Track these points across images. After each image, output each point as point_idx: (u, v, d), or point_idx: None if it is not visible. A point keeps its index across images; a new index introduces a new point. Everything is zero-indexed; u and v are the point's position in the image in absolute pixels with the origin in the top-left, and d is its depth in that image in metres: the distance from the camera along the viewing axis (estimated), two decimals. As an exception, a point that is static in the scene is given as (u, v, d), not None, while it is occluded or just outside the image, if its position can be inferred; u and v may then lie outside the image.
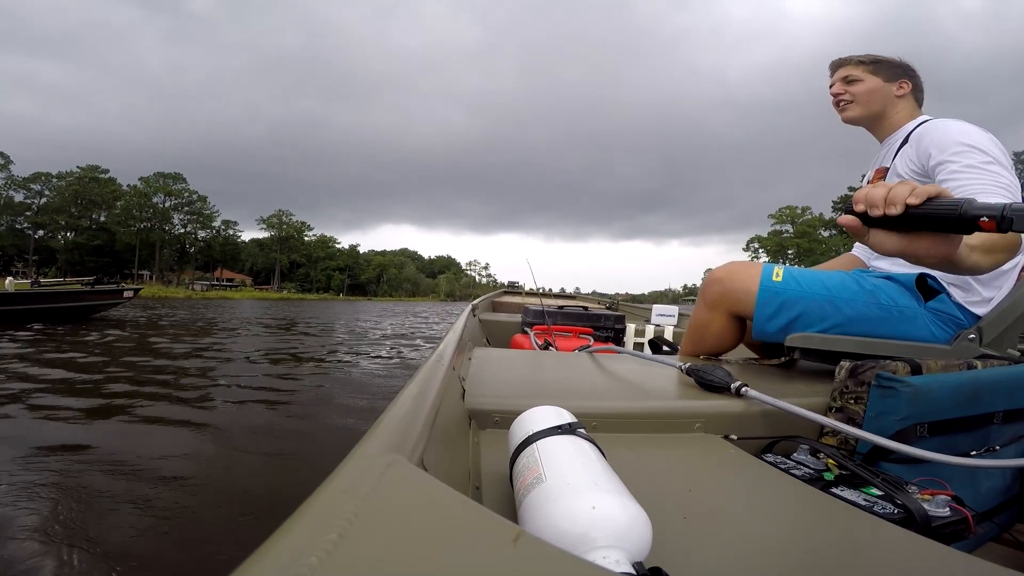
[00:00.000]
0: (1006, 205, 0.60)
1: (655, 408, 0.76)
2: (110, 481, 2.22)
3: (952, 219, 0.64)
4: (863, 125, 1.40)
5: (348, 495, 0.24)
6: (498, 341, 2.50)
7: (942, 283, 1.10)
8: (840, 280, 1.14)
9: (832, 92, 1.40)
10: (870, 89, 1.34)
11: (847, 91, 1.37)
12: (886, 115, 1.35)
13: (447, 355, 0.70)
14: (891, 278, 1.14)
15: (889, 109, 1.34)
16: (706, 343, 1.33)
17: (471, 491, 0.49)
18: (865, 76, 1.35)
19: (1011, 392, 0.84)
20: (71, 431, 2.98)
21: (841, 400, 0.80)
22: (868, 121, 1.38)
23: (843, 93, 1.38)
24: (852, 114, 1.37)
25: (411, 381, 0.51)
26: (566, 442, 0.42)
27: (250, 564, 0.18)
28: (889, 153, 1.33)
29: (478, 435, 0.67)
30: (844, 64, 1.40)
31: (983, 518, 0.76)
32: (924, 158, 1.15)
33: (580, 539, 0.30)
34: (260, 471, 2.48)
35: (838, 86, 1.39)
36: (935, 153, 1.12)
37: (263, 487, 2.25)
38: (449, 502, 0.25)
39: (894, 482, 0.58)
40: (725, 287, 1.23)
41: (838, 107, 1.41)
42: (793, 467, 0.64)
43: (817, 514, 0.50)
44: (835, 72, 1.42)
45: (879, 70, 1.35)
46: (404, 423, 0.37)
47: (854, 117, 1.38)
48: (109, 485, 2.17)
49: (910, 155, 1.21)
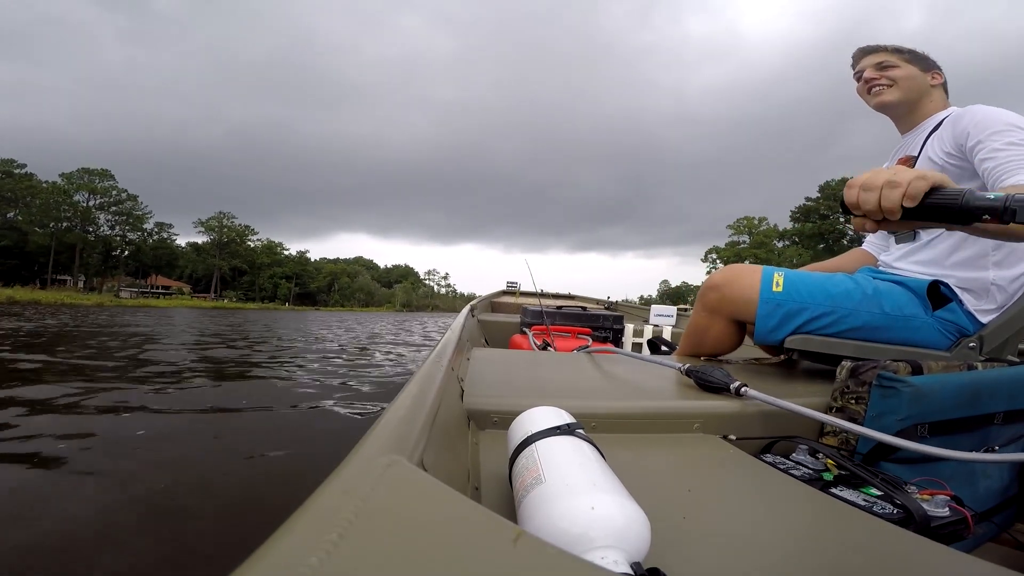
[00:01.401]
0: (1008, 196, 0.59)
1: (654, 408, 0.76)
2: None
3: (954, 210, 0.64)
4: (896, 112, 1.34)
5: (348, 495, 0.24)
6: (496, 341, 2.50)
7: (955, 291, 1.08)
8: (844, 288, 1.12)
9: (866, 77, 1.33)
10: (910, 75, 1.29)
11: (883, 75, 1.31)
12: (920, 103, 1.30)
13: (446, 355, 0.70)
14: (902, 283, 1.12)
15: (924, 98, 1.30)
16: (705, 347, 1.32)
17: (470, 491, 0.49)
18: (901, 63, 1.30)
19: (1012, 393, 0.84)
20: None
21: (842, 400, 0.80)
22: (903, 107, 1.32)
23: (879, 78, 1.31)
24: (890, 98, 1.30)
25: (410, 381, 0.51)
26: (565, 442, 0.42)
27: (250, 564, 0.18)
28: (917, 141, 1.29)
29: (477, 435, 0.67)
30: (876, 51, 1.34)
31: (982, 518, 0.77)
32: (961, 138, 1.11)
33: (579, 539, 0.30)
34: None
35: (871, 71, 1.33)
36: (974, 132, 1.07)
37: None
38: (448, 502, 0.25)
39: (893, 482, 0.58)
40: (724, 294, 1.21)
41: (869, 92, 1.34)
42: (792, 467, 0.64)
43: (816, 514, 0.50)
44: (862, 59, 1.36)
45: (914, 59, 1.31)
46: (403, 423, 0.37)
47: (891, 101, 1.31)
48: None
49: (944, 138, 1.17)
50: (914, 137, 1.32)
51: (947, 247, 1.16)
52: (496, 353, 1.27)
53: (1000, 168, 0.96)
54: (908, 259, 1.24)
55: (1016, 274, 1.10)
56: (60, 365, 5.26)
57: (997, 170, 0.97)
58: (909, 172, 0.67)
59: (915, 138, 1.31)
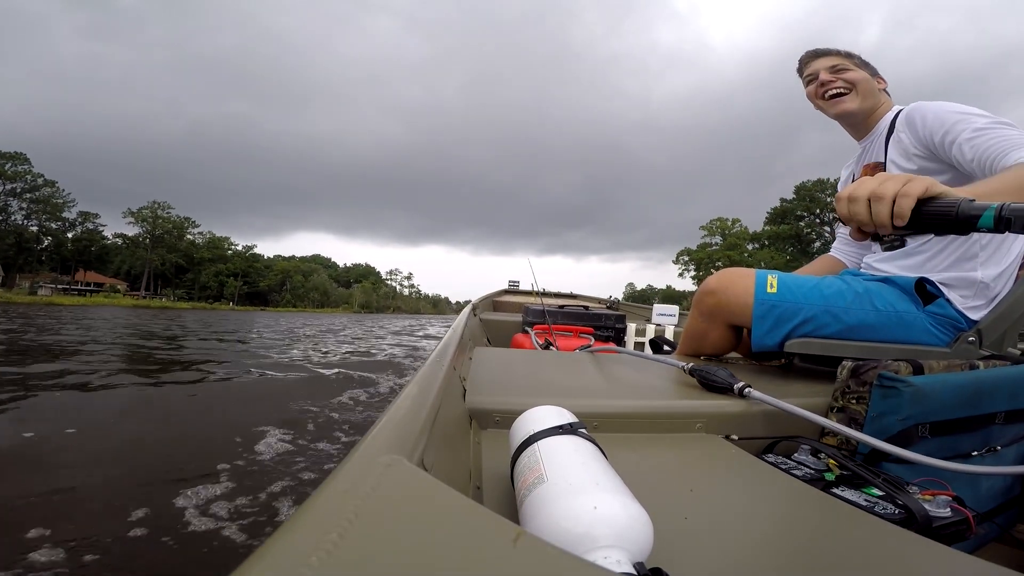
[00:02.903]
0: (1001, 205, 0.59)
1: (656, 408, 0.76)
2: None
3: (949, 221, 0.63)
4: (854, 120, 1.32)
5: (348, 495, 0.24)
6: (499, 341, 2.50)
7: (940, 288, 1.09)
8: (837, 288, 1.12)
9: (822, 80, 1.29)
10: (864, 79, 1.28)
11: (839, 78, 1.28)
12: (874, 109, 1.29)
13: (448, 355, 0.70)
14: (889, 280, 1.12)
15: (877, 103, 1.29)
16: (703, 350, 1.32)
17: (472, 491, 0.49)
18: (853, 68, 1.29)
19: (1013, 392, 0.84)
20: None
21: (843, 400, 0.80)
22: (861, 115, 1.30)
23: (835, 80, 1.28)
24: (852, 106, 1.28)
25: (411, 381, 0.51)
26: (567, 442, 0.42)
27: (250, 564, 0.18)
28: (877, 146, 1.28)
29: (479, 435, 0.67)
30: (827, 54, 1.31)
31: (984, 518, 0.76)
32: (929, 136, 1.11)
33: (581, 539, 0.30)
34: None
35: (826, 74, 1.29)
36: (938, 128, 1.09)
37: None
38: (449, 502, 0.25)
39: (895, 482, 0.58)
40: (719, 299, 1.20)
41: (825, 98, 1.30)
42: (794, 467, 0.64)
43: (818, 514, 0.50)
44: (812, 62, 1.33)
45: (863, 65, 1.30)
46: (404, 423, 0.37)
47: (854, 110, 1.29)
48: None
49: (905, 142, 1.18)
50: (872, 141, 1.31)
51: (932, 246, 1.17)
52: (498, 352, 1.27)
53: (991, 151, 0.98)
54: (892, 262, 1.23)
55: (1000, 270, 1.11)
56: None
57: (988, 152, 0.98)
58: (893, 183, 0.67)
59: (874, 142, 1.30)
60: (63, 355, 6.35)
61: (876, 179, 0.69)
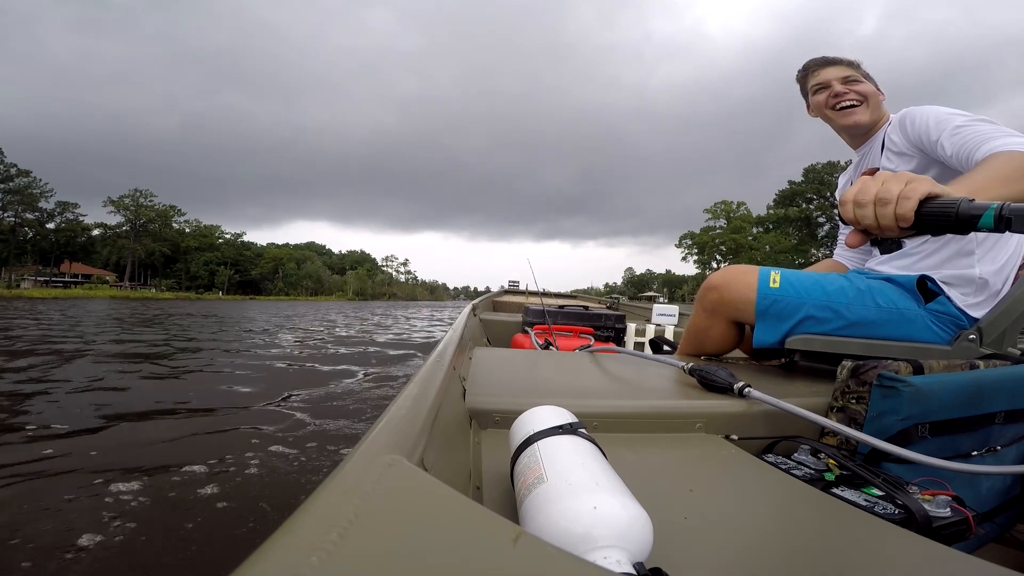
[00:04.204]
0: (1001, 205, 0.59)
1: (656, 408, 0.76)
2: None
3: (949, 222, 0.63)
4: (860, 132, 1.32)
5: (349, 495, 0.24)
6: (499, 341, 2.50)
7: (941, 286, 1.10)
8: (839, 285, 1.13)
9: (836, 91, 1.29)
10: (873, 92, 1.29)
11: (852, 90, 1.28)
12: (877, 120, 1.30)
13: (447, 355, 0.70)
14: (891, 280, 1.13)
15: (880, 115, 1.30)
16: (706, 348, 1.32)
17: (472, 491, 0.49)
18: (863, 80, 1.29)
19: (1013, 392, 0.84)
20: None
21: (843, 400, 0.80)
22: (869, 127, 1.30)
23: (848, 92, 1.28)
24: (864, 119, 1.28)
25: (411, 381, 0.51)
26: (567, 442, 0.42)
27: (251, 564, 0.18)
28: (874, 153, 1.30)
29: (479, 435, 0.67)
30: (839, 63, 1.31)
31: (984, 519, 0.76)
32: (917, 137, 1.14)
33: (581, 539, 0.30)
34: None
35: (840, 85, 1.29)
36: (924, 129, 1.12)
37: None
38: (449, 502, 0.25)
39: (895, 482, 0.58)
40: (722, 295, 1.21)
41: (837, 108, 1.30)
42: (794, 467, 0.64)
43: (818, 515, 0.50)
44: (822, 70, 1.32)
45: (868, 77, 1.30)
46: (404, 423, 0.37)
47: (866, 122, 1.29)
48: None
49: (898, 143, 1.20)
50: (869, 148, 1.33)
51: (929, 245, 1.18)
52: (498, 352, 1.27)
53: (967, 146, 1.02)
54: (892, 262, 1.25)
55: (998, 267, 1.11)
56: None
57: (965, 147, 1.02)
58: (895, 185, 0.66)
59: (870, 149, 1.32)
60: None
61: (877, 180, 0.69)
